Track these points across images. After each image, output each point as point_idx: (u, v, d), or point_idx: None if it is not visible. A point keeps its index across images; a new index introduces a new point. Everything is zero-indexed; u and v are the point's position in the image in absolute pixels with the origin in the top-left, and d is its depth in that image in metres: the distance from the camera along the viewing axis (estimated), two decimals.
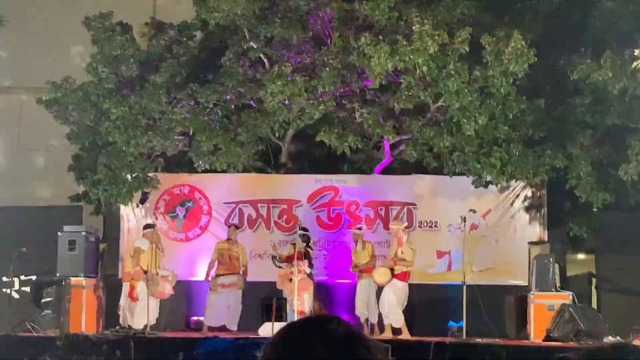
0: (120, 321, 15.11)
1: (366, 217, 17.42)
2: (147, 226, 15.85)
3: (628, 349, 12.53)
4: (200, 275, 16.53)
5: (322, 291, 16.41)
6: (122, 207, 17.28)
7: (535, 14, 17.17)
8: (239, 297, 15.82)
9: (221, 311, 15.71)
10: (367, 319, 15.82)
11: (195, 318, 16.59)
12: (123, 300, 15.32)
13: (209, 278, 15.89)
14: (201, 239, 17.25)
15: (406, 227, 16.30)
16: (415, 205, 17.45)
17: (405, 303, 15.33)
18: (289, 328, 1.93)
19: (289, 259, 15.49)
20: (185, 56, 17.70)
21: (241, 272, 15.96)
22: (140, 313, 15.07)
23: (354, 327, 1.91)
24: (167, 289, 15.21)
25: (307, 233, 16.01)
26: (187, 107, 16.85)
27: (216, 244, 16.28)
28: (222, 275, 15.83)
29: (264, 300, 15.10)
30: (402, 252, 15.09)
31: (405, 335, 15.05)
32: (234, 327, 15.52)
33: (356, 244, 16.17)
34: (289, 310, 14.65)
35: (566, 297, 15.06)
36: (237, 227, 16.52)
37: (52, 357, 12.85)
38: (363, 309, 15.79)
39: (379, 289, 15.66)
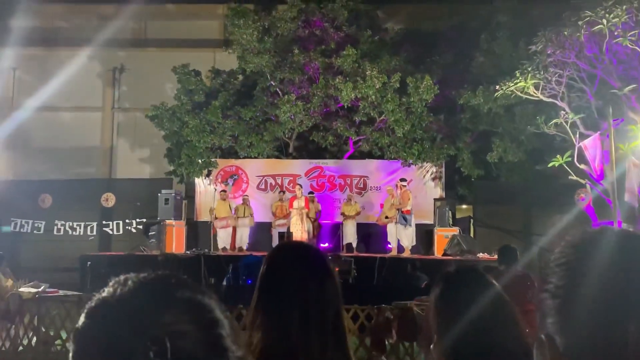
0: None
1: (339, 184, 17.45)
2: (222, 191, 16.03)
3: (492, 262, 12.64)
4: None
5: (316, 227, 16.15)
6: (196, 179, 17.42)
7: (437, 65, 17.13)
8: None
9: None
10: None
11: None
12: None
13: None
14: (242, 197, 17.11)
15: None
16: (367, 177, 17.43)
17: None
18: (282, 248, 1.95)
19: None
20: (232, 90, 17.84)
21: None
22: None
23: (322, 251, 1.98)
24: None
25: (313, 194, 16.28)
26: (234, 120, 17.01)
27: (273, 202, 16.24)
28: (279, 218, 15.87)
29: (279, 233, 15.36)
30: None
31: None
32: None
33: (349, 200, 16.06)
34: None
35: (455, 230, 15.01)
36: (283, 193, 16.44)
37: (154, 269, 12.66)
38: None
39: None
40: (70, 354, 0.77)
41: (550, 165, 13.05)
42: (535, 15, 15.32)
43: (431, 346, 1.94)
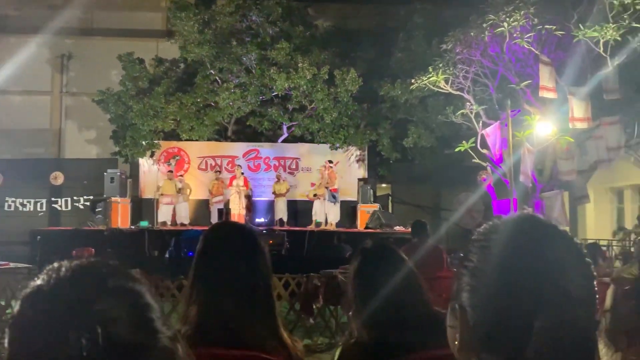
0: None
1: (273, 165, 17.37)
2: (169, 171, 15.80)
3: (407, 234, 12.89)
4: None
5: (250, 204, 16.18)
6: (140, 159, 17.02)
7: (361, 59, 17.20)
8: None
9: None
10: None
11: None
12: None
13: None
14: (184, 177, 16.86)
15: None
16: (299, 159, 17.47)
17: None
18: (216, 227, 1.89)
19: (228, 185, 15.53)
20: (175, 77, 17.40)
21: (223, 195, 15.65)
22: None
23: (253, 227, 1.98)
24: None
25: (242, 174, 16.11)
26: (176, 105, 16.57)
27: (211, 181, 16.06)
28: (216, 196, 15.73)
29: (219, 209, 15.23)
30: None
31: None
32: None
33: (278, 179, 16.02)
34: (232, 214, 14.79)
35: (376, 206, 15.24)
36: (220, 172, 16.35)
37: (100, 243, 12.15)
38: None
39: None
40: (6, 341, 0.74)
41: (457, 150, 13.37)
42: (446, 17, 15.55)
43: (350, 313, 1.97)
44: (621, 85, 11.11)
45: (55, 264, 0.78)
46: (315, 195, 15.18)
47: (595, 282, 0.81)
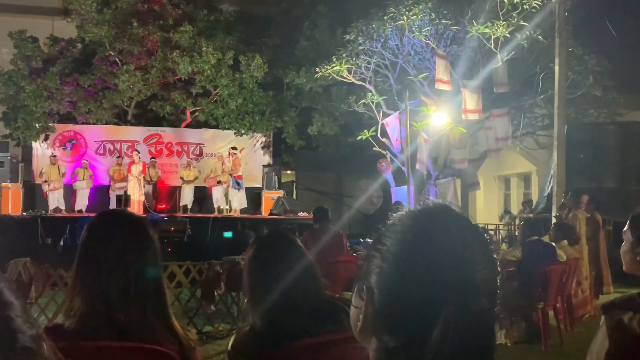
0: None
1: (176, 151, 16.88)
2: (52, 156, 15.01)
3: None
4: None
5: (155, 190, 15.66)
6: (33, 143, 15.96)
7: (267, 46, 17.00)
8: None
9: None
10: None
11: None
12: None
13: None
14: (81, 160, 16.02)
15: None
16: (203, 144, 17.07)
17: None
18: (101, 216, 1.79)
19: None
20: (71, 57, 16.36)
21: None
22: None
23: (141, 218, 1.87)
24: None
25: (155, 160, 15.62)
26: (72, 86, 15.71)
27: (111, 166, 15.43)
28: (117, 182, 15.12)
29: (117, 196, 14.65)
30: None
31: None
32: None
33: (188, 166, 15.73)
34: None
35: (280, 193, 15.28)
36: (122, 158, 15.68)
37: None
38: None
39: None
40: None
41: (358, 138, 13.64)
42: (350, 8, 15.76)
43: (245, 301, 1.96)
44: (509, 79, 11.76)
45: None
46: (219, 182, 14.98)
47: (498, 274, 0.84)
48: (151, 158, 15.70)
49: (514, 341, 6.00)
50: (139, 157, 14.93)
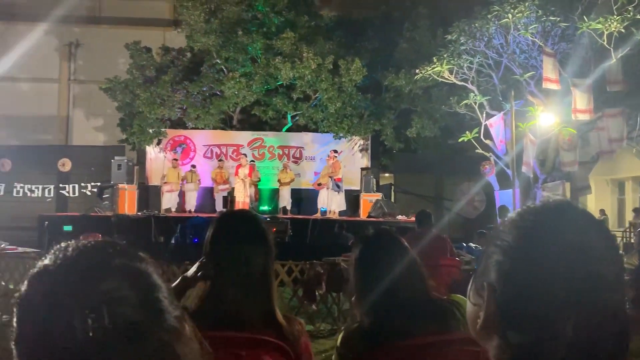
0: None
1: (277, 154, 17.30)
2: (174, 159, 15.88)
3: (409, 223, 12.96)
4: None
5: (257, 192, 16.02)
6: (147, 147, 16.97)
7: (366, 50, 17.10)
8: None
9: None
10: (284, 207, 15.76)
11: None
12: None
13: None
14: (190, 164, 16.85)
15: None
16: (303, 148, 17.36)
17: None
18: (225, 214, 1.92)
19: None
20: (181, 66, 17.36)
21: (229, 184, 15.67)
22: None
23: (258, 216, 2.00)
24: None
25: (254, 163, 16.09)
26: (182, 94, 16.61)
27: (213, 169, 16.03)
28: (220, 184, 15.74)
29: (224, 197, 15.25)
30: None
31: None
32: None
33: (285, 169, 16.03)
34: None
35: (378, 195, 15.18)
36: (222, 161, 16.34)
37: (107, 229, 11.99)
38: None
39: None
40: (14, 320, 0.74)
41: (460, 140, 13.33)
42: (451, 8, 15.47)
43: (352, 299, 1.98)
44: (624, 77, 11.04)
45: (62, 244, 0.78)
46: (319, 184, 15.18)
47: (624, 270, 0.82)
48: (251, 161, 16.18)
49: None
50: (246, 160, 15.45)
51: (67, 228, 9.30)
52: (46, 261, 0.76)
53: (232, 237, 1.74)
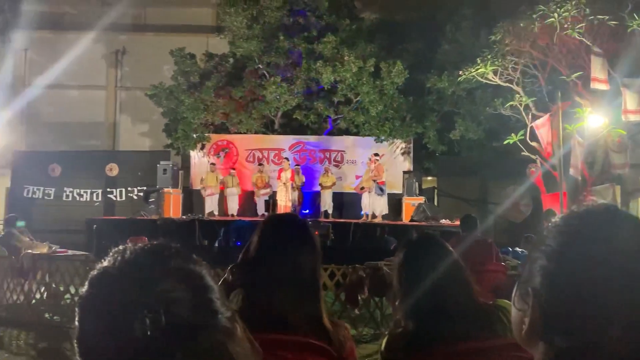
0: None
1: (319, 158, 17.37)
2: (212, 164, 16.11)
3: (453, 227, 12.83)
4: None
5: (300, 196, 16.11)
6: (191, 151, 17.29)
7: (408, 52, 17.02)
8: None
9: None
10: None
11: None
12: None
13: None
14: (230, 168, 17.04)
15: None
16: (344, 151, 17.37)
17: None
18: (271, 217, 1.96)
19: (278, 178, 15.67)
20: (224, 72, 17.66)
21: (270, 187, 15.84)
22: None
23: (303, 219, 1.93)
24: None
25: (299, 167, 16.19)
26: (225, 99, 16.86)
27: (254, 174, 16.19)
28: (260, 188, 15.92)
29: (265, 201, 15.40)
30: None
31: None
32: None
33: (326, 172, 16.07)
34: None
35: (421, 199, 15.10)
36: (262, 165, 16.49)
37: (153, 232, 12.34)
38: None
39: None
40: (76, 320, 0.78)
41: (505, 142, 13.11)
42: (495, 8, 15.24)
43: (396, 303, 1.98)
44: None
45: (120, 247, 0.82)
46: (362, 188, 15.17)
47: None
48: (296, 165, 16.29)
49: None
50: (288, 165, 15.56)
51: (20, 224, 9.47)
52: (106, 263, 0.80)
53: (280, 241, 1.75)
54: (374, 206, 14.99)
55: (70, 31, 20.46)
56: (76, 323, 0.78)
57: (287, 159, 16.05)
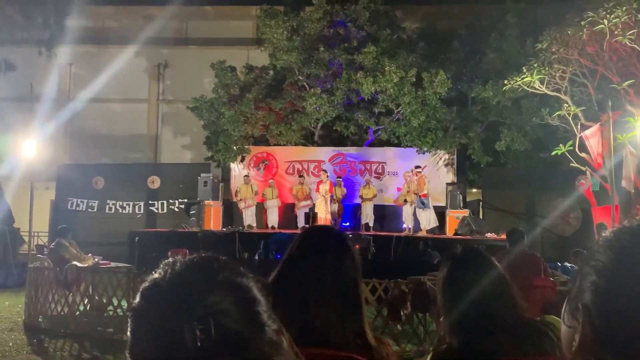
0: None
1: (359, 170, 17.38)
2: (245, 176, 16.25)
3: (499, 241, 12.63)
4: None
5: (340, 208, 16.11)
6: (231, 163, 17.53)
7: (451, 61, 16.89)
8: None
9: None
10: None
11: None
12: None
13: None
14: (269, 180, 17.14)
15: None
16: (385, 163, 17.34)
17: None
18: (309, 229, 1.92)
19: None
20: (264, 84, 17.90)
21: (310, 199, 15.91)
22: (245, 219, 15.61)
23: (343, 232, 1.90)
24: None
25: (340, 179, 16.21)
26: (265, 111, 17.08)
27: (294, 186, 16.27)
28: (301, 200, 15.99)
29: (305, 213, 15.46)
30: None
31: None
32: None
33: (367, 184, 15.99)
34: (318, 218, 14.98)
35: (466, 212, 14.95)
36: (302, 177, 16.54)
37: (193, 244, 12.38)
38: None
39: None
40: (128, 331, 0.81)
41: (553, 153, 12.87)
42: (541, 15, 15.08)
43: (440, 318, 1.98)
44: None
45: (170, 259, 0.85)
46: (405, 200, 15.10)
47: None
48: (336, 178, 16.33)
49: None
50: (327, 177, 15.62)
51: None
52: (156, 275, 0.83)
53: (319, 253, 1.73)
54: (420, 219, 14.90)
55: (113, 45, 21.09)
56: (128, 334, 0.81)
57: (324, 171, 16.09)
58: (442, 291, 1.94)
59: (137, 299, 0.82)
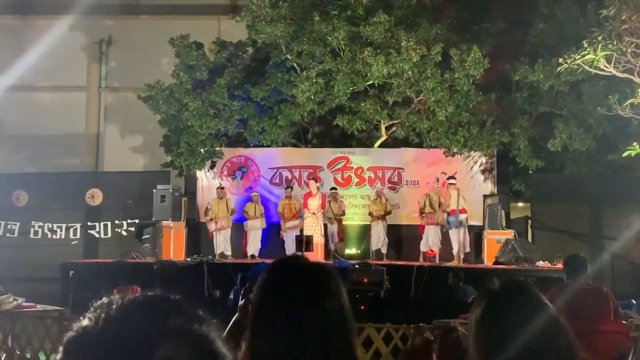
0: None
1: (368, 178, 17.39)
2: (219, 188, 16.27)
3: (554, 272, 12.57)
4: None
5: (341, 230, 16.25)
6: (197, 171, 17.51)
7: (488, 33, 16.99)
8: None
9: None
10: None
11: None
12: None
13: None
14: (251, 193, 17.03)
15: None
16: (403, 169, 17.35)
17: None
18: (272, 265, 1.89)
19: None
20: (241, 65, 17.95)
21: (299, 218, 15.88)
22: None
23: (322, 265, 1.87)
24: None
25: (336, 191, 16.25)
26: (242, 101, 17.09)
27: (280, 201, 16.34)
28: (289, 219, 15.95)
29: (297, 237, 15.42)
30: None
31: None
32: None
33: (378, 197, 16.10)
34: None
35: (509, 233, 14.89)
36: (291, 188, 16.53)
37: (148, 279, 12.31)
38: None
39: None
40: None
41: (625, 154, 12.87)
42: None
43: None
44: None
45: (105, 299, 0.84)
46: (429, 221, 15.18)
47: None
48: (331, 189, 16.26)
49: None
50: (317, 188, 15.63)
51: None
52: (85, 322, 0.81)
53: (288, 298, 1.72)
54: (452, 243, 14.95)
55: (41, 16, 21.06)
56: None
57: (314, 179, 16.12)
58: (476, 338, 1.96)
59: (60, 354, 0.81)
